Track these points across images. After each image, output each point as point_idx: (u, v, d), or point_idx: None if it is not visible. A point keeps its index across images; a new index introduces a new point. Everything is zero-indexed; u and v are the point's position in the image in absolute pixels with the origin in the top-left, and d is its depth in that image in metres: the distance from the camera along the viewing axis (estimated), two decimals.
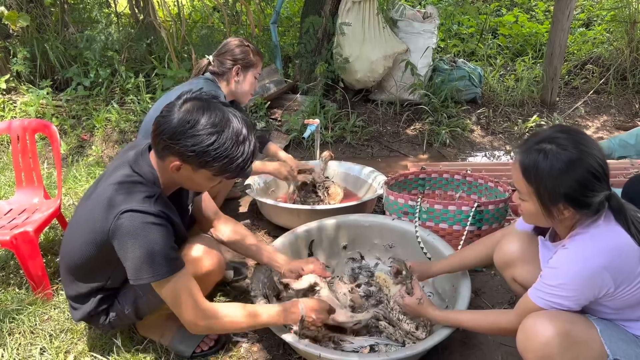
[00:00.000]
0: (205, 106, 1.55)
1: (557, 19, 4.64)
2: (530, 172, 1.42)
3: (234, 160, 1.56)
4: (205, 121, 1.52)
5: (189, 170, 1.59)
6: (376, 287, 2.29)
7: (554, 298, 1.43)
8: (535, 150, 1.41)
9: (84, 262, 1.68)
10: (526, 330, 1.45)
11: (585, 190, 1.37)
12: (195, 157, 1.53)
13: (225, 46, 2.61)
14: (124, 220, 1.52)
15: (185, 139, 1.51)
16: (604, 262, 1.36)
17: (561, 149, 1.37)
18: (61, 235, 2.73)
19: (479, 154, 4.24)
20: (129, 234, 1.52)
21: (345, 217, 2.49)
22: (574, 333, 1.40)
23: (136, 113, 4.31)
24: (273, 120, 4.35)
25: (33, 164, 2.57)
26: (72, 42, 4.83)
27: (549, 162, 1.38)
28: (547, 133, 1.44)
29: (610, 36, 5.77)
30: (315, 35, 4.44)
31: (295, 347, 1.81)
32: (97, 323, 1.84)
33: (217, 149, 1.52)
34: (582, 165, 1.36)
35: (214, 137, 1.52)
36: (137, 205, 1.54)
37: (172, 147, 1.53)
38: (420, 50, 4.48)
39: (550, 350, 1.39)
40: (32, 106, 4.27)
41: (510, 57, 5.96)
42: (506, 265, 1.85)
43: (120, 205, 1.54)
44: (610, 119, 4.82)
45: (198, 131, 1.51)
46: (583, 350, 1.41)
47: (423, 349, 1.73)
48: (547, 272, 1.46)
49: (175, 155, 1.55)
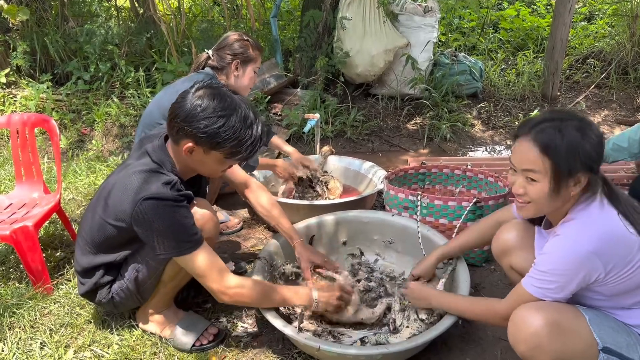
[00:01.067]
0: (215, 93, 1.68)
1: (558, 12, 4.61)
2: (549, 148, 1.40)
3: (243, 142, 1.68)
4: (215, 105, 1.65)
5: (201, 153, 1.70)
6: (376, 282, 2.30)
7: (545, 284, 1.45)
8: (548, 127, 1.41)
9: (106, 240, 1.80)
10: (516, 322, 1.47)
11: (598, 155, 1.40)
12: (207, 138, 1.65)
13: (225, 41, 2.60)
14: (145, 206, 1.64)
15: (197, 121, 1.64)
16: (594, 248, 1.38)
17: (568, 122, 1.41)
18: (61, 229, 2.74)
19: (480, 148, 4.23)
20: (151, 218, 1.65)
21: (345, 213, 2.48)
22: (562, 322, 1.42)
23: (136, 107, 4.31)
24: (273, 115, 4.34)
25: (33, 159, 2.57)
26: (72, 36, 4.81)
27: (565, 136, 1.39)
28: (542, 115, 1.48)
29: (612, 30, 5.74)
30: (315, 29, 4.42)
31: (294, 340, 1.82)
32: (101, 298, 1.91)
33: (226, 131, 1.64)
34: (591, 131, 1.40)
35: (224, 120, 1.64)
36: (157, 193, 1.65)
37: (185, 129, 1.65)
38: (421, 44, 4.46)
39: (540, 340, 1.41)
40: (32, 100, 4.26)
41: (512, 51, 5.94)
42: (503, 254, 1.86)
43: (141, 192, 1.66)
44: (612, 114, 4.81)
45: (209, 114, 1.64)
46: (572, 339, 1.42)
47: (423, 342, 1.74)
48: (539, 259, 1.49)
49: (188, 138, 1.67)
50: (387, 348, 1.70)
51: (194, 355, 1.92)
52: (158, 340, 1.97)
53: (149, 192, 1.65)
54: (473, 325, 2.08)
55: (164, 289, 1.92)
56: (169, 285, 1.90)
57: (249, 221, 2.98)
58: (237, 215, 3.05)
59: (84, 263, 1.88)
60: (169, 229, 1.66)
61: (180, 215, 1.68)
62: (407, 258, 2.38)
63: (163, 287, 1.91)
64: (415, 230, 2.33)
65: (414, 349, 1.78)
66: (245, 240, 2.79)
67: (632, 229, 1.40)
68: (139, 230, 1.69)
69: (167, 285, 1.90)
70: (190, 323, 1.99)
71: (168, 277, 1.87)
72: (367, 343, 1.86)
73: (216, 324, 2.06)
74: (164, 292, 1.93)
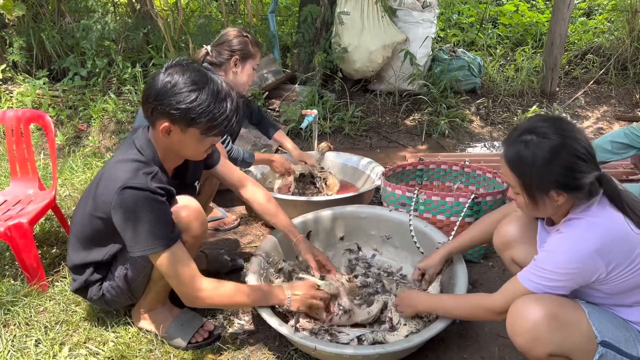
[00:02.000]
0: (185, 69, 1.65)
1: (557, 8, 4.60)
2: (515, 165, 1.44)
3: (217, 116, 1.64)
4: (185, 80, 1.61)
5: (179, 133, 1.67)
6: (373, 278, 2.29)
7: (544, 281, 1.44)
8: (518, 142, 1.43)
9: (94, 233, 1.79)
10: (514, 314, 1.46)
11: (574, 173, 1.38)
12: (181, 114, 1.61)
13: (224, 36, 2.58)
14: (122, 196, 1.61)
15: (169, 97, 1.60)
16: (596, 247, 1.36)
17: (542, 138, 1.39)
18: (57, 226, 2.72)
19: (478, 144, 4.22)
20: (127, 209, 1.61)
21: (342, 209, 2.47)
22: (562, 315, 1.41)
23: (133, 103, 4.29)
24: (271, 111, 4.32)
25: (28, 155, 2.55)
26: (69, 31, 4.78)
27: (532, 153, 1.39)
28: (528, 124, 1.46)
29: (611, 26, 5.72)
30: (313, 24, 4.40)
31: (291, 339, 1.81)
32: (92, 295, 1.90)
33: (200, 105, 1.61)
34: (565, 150, 1.37)
35: (196, 94, 1.61)
36: (136, 182, 1.63)
37: (158, 109, 1.62)
38: (419, 39, 4.44)
39: (539, 332, 1.40)
40: (29, 96, 4.24)
41: (510, 46, 5.92)
42: (505, 247, 1.85)
43: (121, 181, 1.63)
44: (611, 110, 4.79)
45: (180, 89, 1.60)
46: (571, 331, 1.41)
47: (419, 341, 1.72)
48: (540, 256, 1.48)
49: (163, 117, 1.64)
50: (384, 348, 1.69)
51: (190, 352, 1.91)
52: (154, 338, 1.96)
53: (128, 182, 1.62)
54: (470, 322, 2.07)
55: (155, 286, 1.90)
56: (159, 283, 1.88)
57: (246, 218, 2.97)
58: (234, 211, 3.04)
59: (75, 259, 1.88)
60: (144, 221, 1.62)
61: (157, 208, 1.64)
62: (405, 253, 2.37)
63: (154, 285, 1.89)
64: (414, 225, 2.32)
65: (410, 348, 1.77)
66: (242, 237, 2.77)
67: (635, 228, 1.39)
68: (115, 220, 1.65)
69: (158, 283, 1.88)
70: (185, 320, 1.98)
71: (157, 276, 1.84)
72: (364, 341, 1.85)
73: (212, 321, 2.05)
74: (156, 289, 1.92)
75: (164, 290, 1.95)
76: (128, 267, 1.82)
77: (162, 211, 1.66)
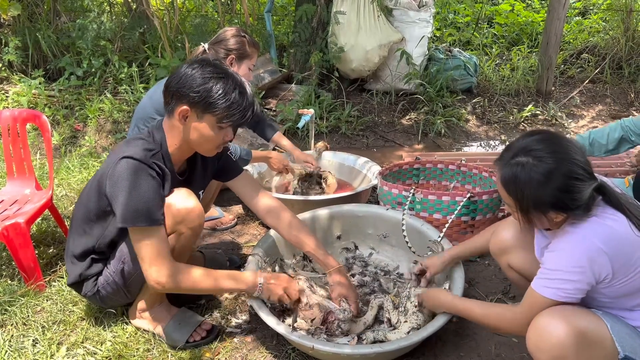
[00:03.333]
0: (207, 62, 1.73)
1: (553, 7, 4.62)
2: (511, 187, 1.45)
3: (234, 105, 1.69)
4: (209, 70, 1.69)
5: (195, 119, 1.71)
6: (370, 276, 2.30)
7: (556, 284, 1.41)
8: (514, 164, 1.43)
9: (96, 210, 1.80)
10: (539, 330, 1.41)
11: (570, 194, 1.38)
12: (199, 97, 1.66)
13: (221, 35, 2.58)
14: (120, 164, 1.66)
15: (190, 81, 1.67)
16: (602, 246, 1.36)
17: (537, 161, 1.39)
18: (54, 226, 2.72)
19: (474, 143, 4.23)
20: (122, 176, 1.65)
21: (339, 208, 2.48)
22: (588, 332, 1.38)
23: (129, 103, 4.28)
24: (268, 110, 4.33)
25: (24, 155, 2.55)
26: (65, 31, 4.78)
27: (528, 176, 1.40)
28: (522, 143, 1.46)
29: (606, 25, 5.74)
30: (309, 24, 4.40)
31: (288, 338, 1.81)
32: (87, 290, 1.91)
33: (218, 90, 1.67)
34: (560, 173, 1.38)
35: (216, 81, 1.67)
36: (135, 154, 1.67)
37: (179, 92, 1.68)
38: (415, 39, 4.45)
39: (565, 350, 1.36)
40: (25, 96, 4.23)
41: (506, 46, 5.94)
42: (502, 252, 1.85)
43: (122, 153, 1.68)
44: (606, 109, 4.82)
45: (203, 75, 1.67)
46: (597, 349, 1.39)
47: (417, 340, 1.73)
48: (547, 257, 1.46)
49: (182, 101, 1.69)
50: (382, 347, 1.69)
51: (188, 351, 1.91)
52: (151, 337, 1.96)
53: (127, 153, 1.67)
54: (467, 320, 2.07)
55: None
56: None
57: (243, 217, 2.97)
58: (231, 211, 3.04)
59: (75, 247, 1.88)
60: (132, 192, 1.64)
61: (148, 183, 1.66)
62: (402, 252, 2.37)
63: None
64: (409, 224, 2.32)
65: (407, 347, 1.78)
66: (240, 237, 2.78)
67: (636, 229, 1.39)
68: (107, 188, 1.68)
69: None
70: (183, 319, 1.98)
71: None
72: (363, 340, 1.86)
73: (210, 320, 2.05)
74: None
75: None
76: (125, 262, 1.82)
77: (153, 189, 1.67)
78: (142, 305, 1.98)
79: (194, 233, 1.85)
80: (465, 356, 1.92)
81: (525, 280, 1.82)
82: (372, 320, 2.00)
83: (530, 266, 1.75)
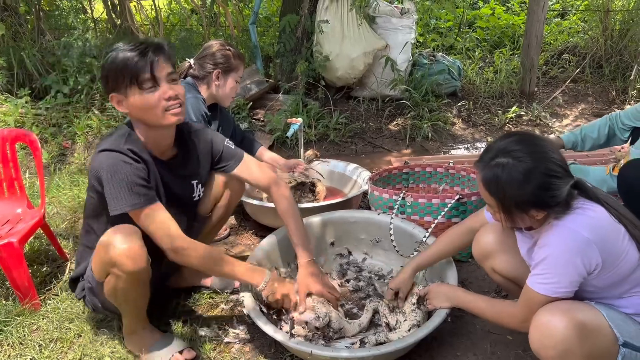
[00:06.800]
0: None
1: (532, 10, 4.71)
2: (492, 188, 1.49)
3: (121, 63, 1.67)
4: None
5: (124, 99, 1.72)
6: (364, 281, 2.32)
7: (549, 278, 1.45)
8: (494, 165, 1.48)
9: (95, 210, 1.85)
10: (541, 328, 1.45)
11: (550, 192, 1.43)
12: (105, 80, 1.74)
13: (206, 50, 2.60)
14: (97, 158, 1.71)
15: (102, 72, 1.75)
16: (589, 235, 1.40)
17: (517, 161, 1.44)
18: (46, 244, 2.71)
19: (461, 146, 4.29)
20: (103, 169, 1.69)
21: (331, 214, 2.50)
22: (587, 323, 1.41)
23: (117, 119, 4.28)
24: (256, 121, 4.35)
25: (15, 174, 2.55)
26: (50, 49, 4.77)
27: (509, 176, 1.44)
28: (501, 145, 1.50)
29: (585, 25, 5.86)
30: (294, 34, 4.45)
31: (286, 345, 1.83)
32: (77, 293, 1.98)
33: (106, 64, 1.71)
34: (539, 172, 1.43)
35: (108, 56, 1.71)
36: (109, 145, 1.71)
37: (102, 87, 1.82)
38: (399, 45, 4.51)
39: (571, 344, 1.39)
40: (11, 116, 4.20)
41: (488, 49, 6.03)
42: (485, 257, 1.89)
43: (98, 147, 1.74)
44: (588, 107, 4.90)
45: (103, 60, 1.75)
46: (598, 337, 1.42)
47: (413, 341, 1.76)
48: (537, 253, 1.50)
49: (106, 91, 1.76)
50: (379, 349, 1.72)
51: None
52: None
53: (102, 146, 1.71)
54: (462, 319, 2.11)
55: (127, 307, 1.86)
56: (125, 304, 1.84)
57: (236, 228, 2.99)
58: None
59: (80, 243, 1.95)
60: (113, 179, 1.67)
61: (124, 168, 1.68)
62: (394, 256, 2.40)
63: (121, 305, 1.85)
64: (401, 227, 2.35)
65: (404, 349, 1.80)
66: (233, 247, 2.79)
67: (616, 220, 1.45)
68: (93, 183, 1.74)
69: (124, 305, 1.84)
70: (164, 345, 1.92)
71: (121, 296, 1.79)
72: (367, 343, 1.88)
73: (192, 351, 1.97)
74: (129, 310, 1.88)
75: (136, 311, 1.90)
76: (88, 277, 1.86)
77: (134, 171, 1.70)
78: (126, 329, 1.94)
79: (133, 277, 1.72)
80: (462, 355, 1.95)
81: (511, 283, 1.88)
82: (367, 322, 2.02)
83: (515, 268, 1.80)
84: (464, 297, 1.82)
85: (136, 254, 1.69)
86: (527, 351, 1.92)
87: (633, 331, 1.46)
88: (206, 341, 2.03)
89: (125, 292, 1.77)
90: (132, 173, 1.69)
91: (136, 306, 1.88)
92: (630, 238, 1.46)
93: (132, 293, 1.79)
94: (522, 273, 1.70)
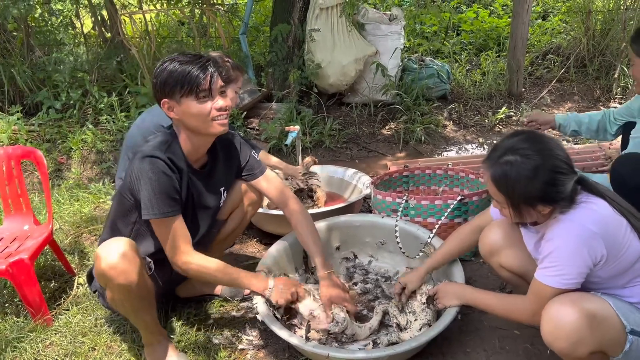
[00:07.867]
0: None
1: (517, 13, 4.81)
2: (501, 184, 1.55)
3: (186, 74, 1.75)
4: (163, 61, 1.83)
5: (176, 105, 1.79)
6: (372, 283, 2.37)
7: (558, 270, 1.50)
8: (503, 163, 1.54)
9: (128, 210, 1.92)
10: (553, 320, 1.48)
11: (556, 187, 1.50)
12: (160, 85, 1.78)
13: None
14: (141, 163, 1.76)
15: (155, 78, 1.81)
16: (593, 228, 1.46)
17: (525, 159, 1.50)
18: (52, 260, 2.72)
19: (454, 148, 4.36)
20: (144, 175, 1.75)
21: (336, 219, 2.54)
22: (597, 312, 1.46)
23: (112, 132, 4.29)
24: (251, 130, 4.39)
25: (21, 191, 2.55)
26: (40, 65, 4.77)
27: (517, 173, 1.50)
28: (509, 143, 1.56)
29: (567, 26, 5.99)
30: (285, 43, 4.50)
31: (302, 349, 1.87)
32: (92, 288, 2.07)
33: (162, 72, 1.77)
34: (546, 168, 1.49)
35: (161, 65, 1.79)
36: (152, 151, 1.78)
37: (154, 89, 1.81)
38: (389, 51, 4.59)
39: (582, 334, 1.43)
40: (4, 133, 4.19)
41: (475, 52, 6.13)
42: (491, 254, 1.94)
43: (143, 152, 1.79)
44: (575, 106, 5.02)
45: (157, 67, 1.81)
46: (607, 327, 1.47)
47: (426, 340, 1.81)
48: (544, 246, 1.55)
49: (156, 95, 1.82)
50: (394, 349, 1.77)
51: None
52: None
53: (148, 151, 1.78)
54: (469, 317, 2.16)
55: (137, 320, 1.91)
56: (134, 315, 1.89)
57: (240, 237, 3.01)
58: None
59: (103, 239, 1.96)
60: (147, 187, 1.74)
61: (164, 179, 1.76)
62: (400, 257, 2.45)
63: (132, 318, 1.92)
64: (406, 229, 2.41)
65: (418, 347, 1.86)
66: (238, 255, 2.82)
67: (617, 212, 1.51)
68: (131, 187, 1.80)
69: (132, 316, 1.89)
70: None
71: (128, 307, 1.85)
72: (379, 344, 1.92)
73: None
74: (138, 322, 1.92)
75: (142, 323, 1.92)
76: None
77: (167, 182, 1.77)
78: (143, 339, 1.97)
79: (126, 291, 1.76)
80: (472, 352, 2.00)
81: (518, 278, 1.93)
82: (377, 325, 2.07)
83: (522, 263, 1.86)
84: (473, 294, 1.87)
85: (127, 268, 1.73)
86: (535, 345, 1.99)
87: (638, 319, 1.52)
88: (220, 349, 2.06)
89: (123, 303, 1.82)
90: (168, 185, 1.77)
91: (139, 317, 1.89)
92: (632, 230, 1.53)
93: (129, 305, 1.83)
94: (529, 267, 1.76)
